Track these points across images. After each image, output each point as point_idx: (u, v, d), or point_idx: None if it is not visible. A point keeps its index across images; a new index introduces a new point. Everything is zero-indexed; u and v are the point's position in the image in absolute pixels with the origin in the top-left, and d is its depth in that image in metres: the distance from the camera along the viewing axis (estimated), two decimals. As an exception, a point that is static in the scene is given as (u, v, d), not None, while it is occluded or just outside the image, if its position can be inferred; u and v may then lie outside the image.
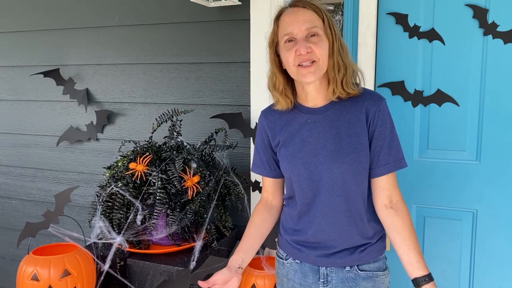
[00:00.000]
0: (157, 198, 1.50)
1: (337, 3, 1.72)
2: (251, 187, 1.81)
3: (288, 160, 1.27)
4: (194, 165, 1.57)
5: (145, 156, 1.57)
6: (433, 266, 1.33)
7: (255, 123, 1.77)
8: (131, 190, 1.53)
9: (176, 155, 1.58)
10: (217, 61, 1.86)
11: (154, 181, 1.52)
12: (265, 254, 1.76)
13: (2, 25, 2.27)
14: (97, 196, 1.58)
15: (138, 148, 1.63)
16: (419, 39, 1.63)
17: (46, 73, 2.12)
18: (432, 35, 1.61)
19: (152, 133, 1.72)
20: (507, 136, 1.58)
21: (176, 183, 1.52)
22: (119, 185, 1.53)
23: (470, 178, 1.64)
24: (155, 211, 1.49)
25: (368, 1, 1.63)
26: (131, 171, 1.55)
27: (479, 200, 1.64)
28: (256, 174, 1.76)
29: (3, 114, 2.35)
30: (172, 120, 1.72)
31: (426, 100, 1.65)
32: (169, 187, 1.53)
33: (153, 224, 1.51)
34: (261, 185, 1.46)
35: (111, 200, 1.55)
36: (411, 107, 1.67)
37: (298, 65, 1.18)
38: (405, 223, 1.22)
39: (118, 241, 1.51)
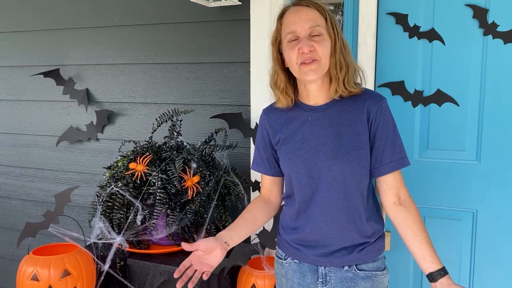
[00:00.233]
0: (157, 198, 1.50)
1: (337, 3, 1.72)
2: (251, 187, 1.81)
3: (288, 157, 1.27)
4: (194, 165, 1.57)
5: (145, 156, 1.57)
6: (433, 266, 1.33)
7: (255, 123, 1.77)
8: (131, 190, 1.53)
9: (176, 155, 1.58)
10: (217, 61, 1.86)
11: (154, 181, 1.52)
12: (265, 254, 1.76)
13: (2, 25, 2.27)
14: (97, 196, 1.59)
15: (138, 148, 1.64)
16: (419, 39, 1.63)
17: (46, 73, 2.12)
18: (432, 35, 1.61)
19: (152, 133, 1.72)
20: (507, 136, 1.58)
21: (176, 183, 1.52)
22: (119, 185, 1.53)
23: (470, 178, 1.64)
24: (155, 211, 1.49)
25: (368, 1, 1.63)
26: (131, 171, 1.55)
27: (479, 200, 1.64)
28: (256, 174, 1.78)
29: (3, 114, 2.35)
30: (172, 120, 1.72)
31: (426, 100, 1.65)
32: (169, 187, 1.53)
33: (153, 224, 1.51)
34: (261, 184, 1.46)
35: (111, 200, 1.55)
36: (411, 107, 1.67)
37: (301, 64, 1.19)
38: (416, 219, 1.22)
39: (118, 241, 1.51)
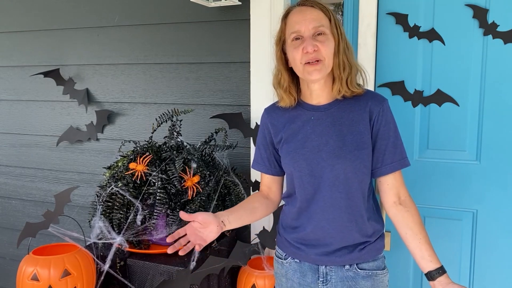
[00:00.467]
0: (157, 198, 1.50)
1: (337, 3, 1.72)
2: (251, 187, 1.81)
3: (291, 156, 1.28)
4: (194, 165, 1.57)
5: (145, 156, 1.57)
6: (433, 266, 1.33)
7: (255, 123, 1.77)
8: (131, 190, 1.53)
9: (176, 155, 1.58)
10: (217, 61, 1.86)
11: (154, 181, 1.52)
12: (265, 254, 1.76)
13: (2, 25, 2.27)
14: (97, 196, 1.58)
15: (138, 148, 1.63)
16: (419, 39, 1.63)
17: (46, 73, 2.12)
18: (432, 35, 1.61)
19: (152, 133, 1.72)
20: (507, 136, 1.58)
21: (176, 183, 1.52)
22: (119, 185, 1.53)
23: (470, 178, 1.64)
24: (155, 211, 1.49)
25: (368, 1, 1.63)
26: (131, 171, 1.55)
27: (479, 200, 1.64)
28: (256, 174, 1.78)
29: (3, 114, 2.35)
30: (172, 120, 1.72)
31: (426, 100, 1.65)
32: (169, 187, 1.53)
33: (153, 224, 1.51)
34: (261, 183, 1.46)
35: (111, 200, 1.54)
36: (411, 107, 1.67)
37: (305, 63, 1.19)
38: (415, 218, 1.24)
39: (118, 241, 1.51)
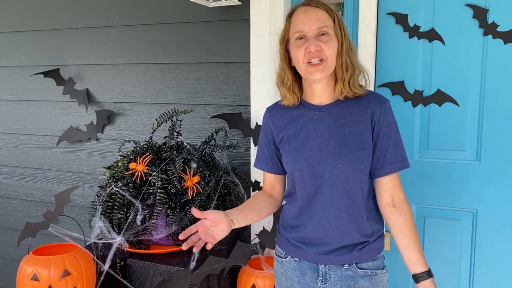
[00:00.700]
0: (157, 198, 1.50)
1: (337, 3, 1.72)
2: (251, 187, 1.81)
3: (292, 156, 1.28)
4: (194, 165, 1.57)
5: (145, 156, 1.57)
6: (433, 266, 1.33)
7: (255, 123, 1.77)
8: (131, 190, 1.53)
9: (176, 155, 1.58)
10: (217, 61, 1.86)
11: (154, 181, 1.52)
12: (265, 254, 1.76)
13: (2, 25, 2.26)
14: (97, 196, 1.58)
15: (138, 148, 1.63)
16: (419, 39, 1.63)
17: (46, 73, 2.12)
18: (432, 35, 1.61)
19: (152, 133, 1.72)
20: (507, 136, 1.58)
21: (176, 183, 1.52)
22: (119, 185, 1.53)
23: (470, 178, 1.64)
24: (155, 211, 1.49)
25: (368, 1, 1.63)
26: (131, 171, 1.55)
27: (479, 200, 1.64)
28: (256, 174, 1.78)
29: (3, 114, 2.35)
30: (172, 120, 1.72)
31: (426, 100, 1.65)
32: (169, 187, 1.53)
33: (153, 224, 1.51)
34: (261, 185, 1.47)
35: (111, 200, 1.54)
36: (411, 107, 1.67)
37: (308, 63, 1.20)
38: (407, 221, 1.25)
39: (118, 241, 1.50)
